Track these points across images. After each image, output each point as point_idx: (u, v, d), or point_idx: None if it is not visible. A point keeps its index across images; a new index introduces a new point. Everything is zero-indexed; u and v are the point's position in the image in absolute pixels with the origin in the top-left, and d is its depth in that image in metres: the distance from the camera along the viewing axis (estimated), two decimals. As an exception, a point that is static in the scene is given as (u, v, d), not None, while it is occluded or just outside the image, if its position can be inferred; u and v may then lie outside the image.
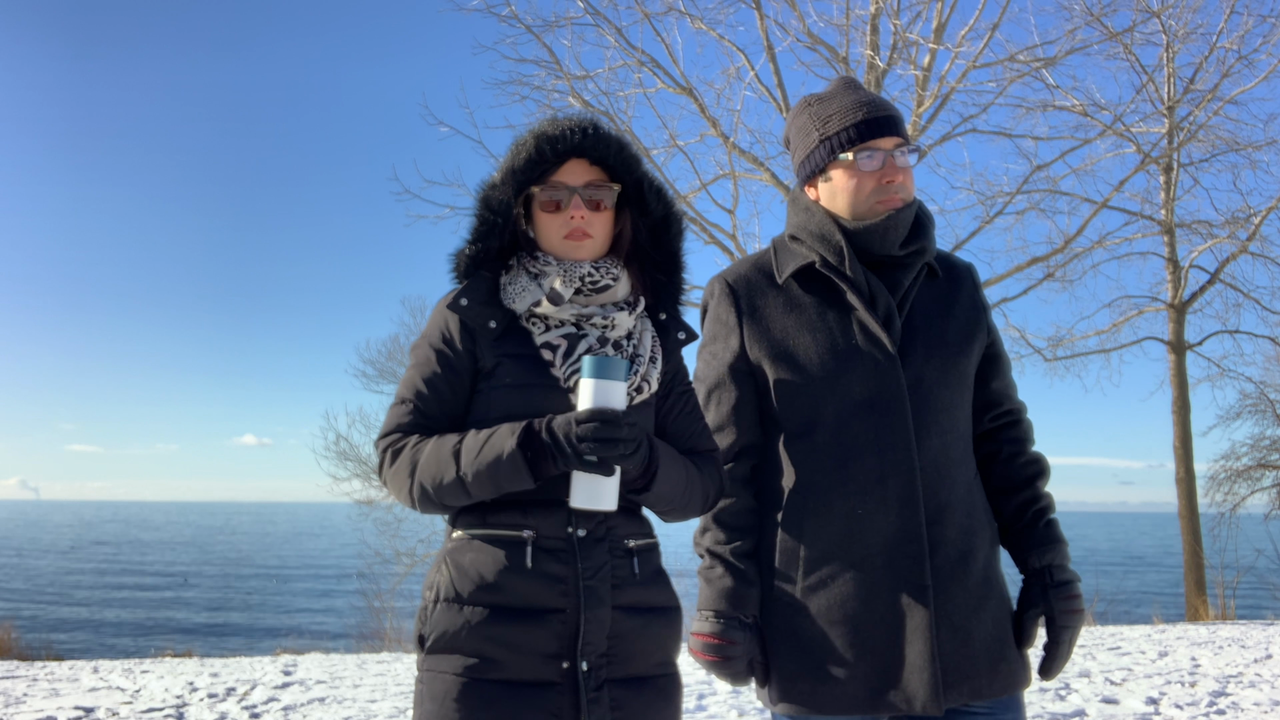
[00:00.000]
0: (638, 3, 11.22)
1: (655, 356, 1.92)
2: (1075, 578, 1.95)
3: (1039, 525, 1.96)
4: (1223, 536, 14.68)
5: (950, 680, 1.83)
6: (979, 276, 2.09)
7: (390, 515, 16.31)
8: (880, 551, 1.85)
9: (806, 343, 1.94)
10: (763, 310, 1.99)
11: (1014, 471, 2.00)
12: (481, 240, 1.90)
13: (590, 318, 1.86)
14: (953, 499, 1.89)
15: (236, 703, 6.14)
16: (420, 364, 1.89)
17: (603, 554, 1.79)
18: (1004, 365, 2.05)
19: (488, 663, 1.73)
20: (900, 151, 1.93)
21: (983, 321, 2.01)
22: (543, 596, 1.75)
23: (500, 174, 1.89)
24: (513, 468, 1.70)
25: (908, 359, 1.90)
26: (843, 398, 1.90)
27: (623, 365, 1.73)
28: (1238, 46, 12.89)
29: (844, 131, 1.93)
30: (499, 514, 1.79)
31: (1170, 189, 14.15)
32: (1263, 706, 5.65)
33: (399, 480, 1.81)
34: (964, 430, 1.96)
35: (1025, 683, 1.91)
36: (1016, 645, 1.92)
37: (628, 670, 1.79)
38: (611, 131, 1.93)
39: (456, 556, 1.80)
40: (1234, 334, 15.05)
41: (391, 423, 1.87)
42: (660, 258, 1.99)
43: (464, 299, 1.87)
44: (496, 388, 1.83)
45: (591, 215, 1.88)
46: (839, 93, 1.99)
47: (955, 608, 1.85)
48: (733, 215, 11.97)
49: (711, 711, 5.50)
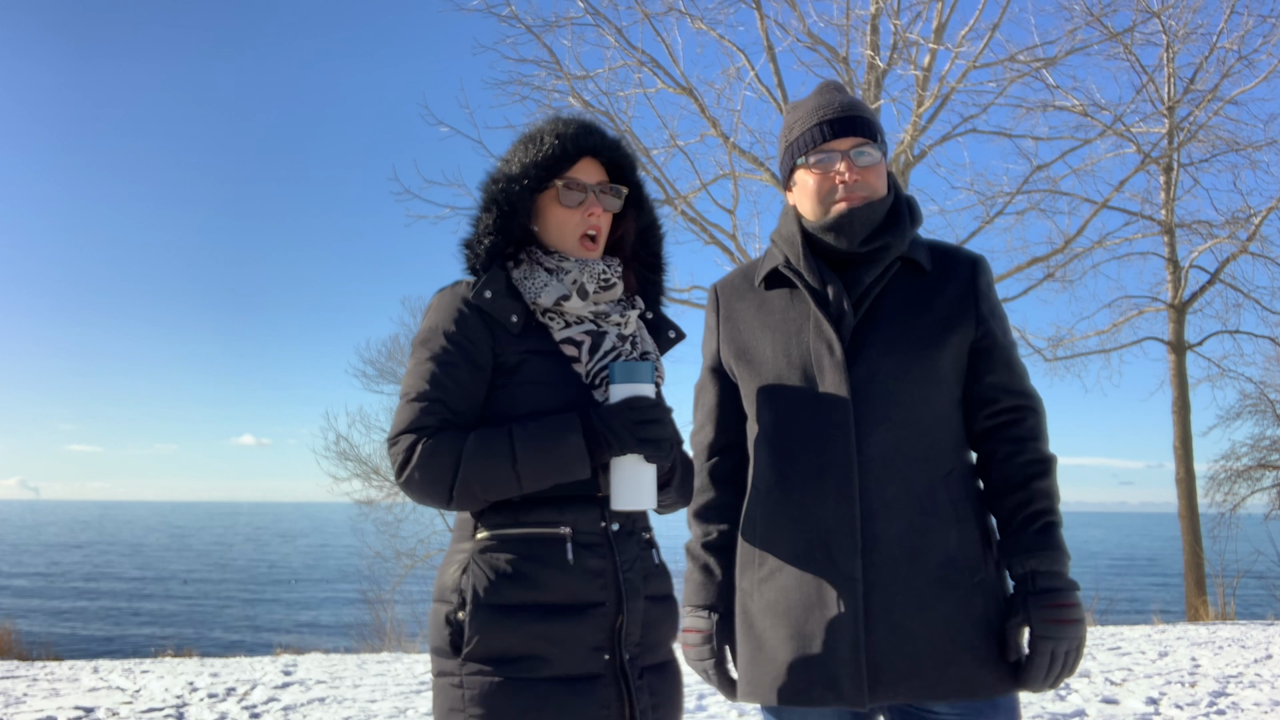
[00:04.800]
0: (638, 3, 11.23)
1: (657, 355, 1.98)
2: (1065, 585, 1.84)
3: (1029, 529, 1.88)
4: (1223, 537, 14.69)
5: (882, 677, 1.81)
6: (987, 270, 2.02)
7: (390, 515, 16.31)
8: (820, 545, 1.87)
9: (765, 342, 2.00)
10: (737, 313, 2.07)
11: (1009, 472, 1.92)
12: (500, 233, 1.88)
13: (606, 315, 1.89)
14: (901, 495, 1.85)
15: (236, 703, 6.14)
16: (436, 357, 1.81)
17: (635, 546, 1.86)
18: (1002, 359, 1.96)
19: (536, 660, 1.73)
20: (859, 150, 1.94)
21: (968, 314, 1.94)
22: (585, 591, 1.77)
23: (519, 167, 1.88)
24: (576, 456, 1.73)
25: (862, 354, 1.89)
26: (789, 394, 1.94)
27: (648, 368, 1.78)
28: (1238, 46, 12.90)
29: (801, 137, 1.99)
30: (532, 512, 1.79)
31: (1170, 189, 14.15)
32: (1263, 706, 5.65)
33: (434, 475, 1.74)
34: (929, 425, 1.89)
35: (990, 690, 1.83)
36: (1001, 653, 1.85)
37: (655, 657, 1.87)
38: (611, 134, 1.98)
39: (489, 557, 1.77)
40: (1234, 334, 15.07)
41: (409, 420, 1.78)
42: (647, 258, 2.03)
43: (488, 291, 1.84)
44: (522, 384, 1.81)
45: (603, 215, 1.92)
46: (808, 99, 2.04)
47: (895, 605, 1.82)
48: (733, 215, 12.00)
49: (711, 712, 5.50)
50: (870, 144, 1.96)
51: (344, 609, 21.36)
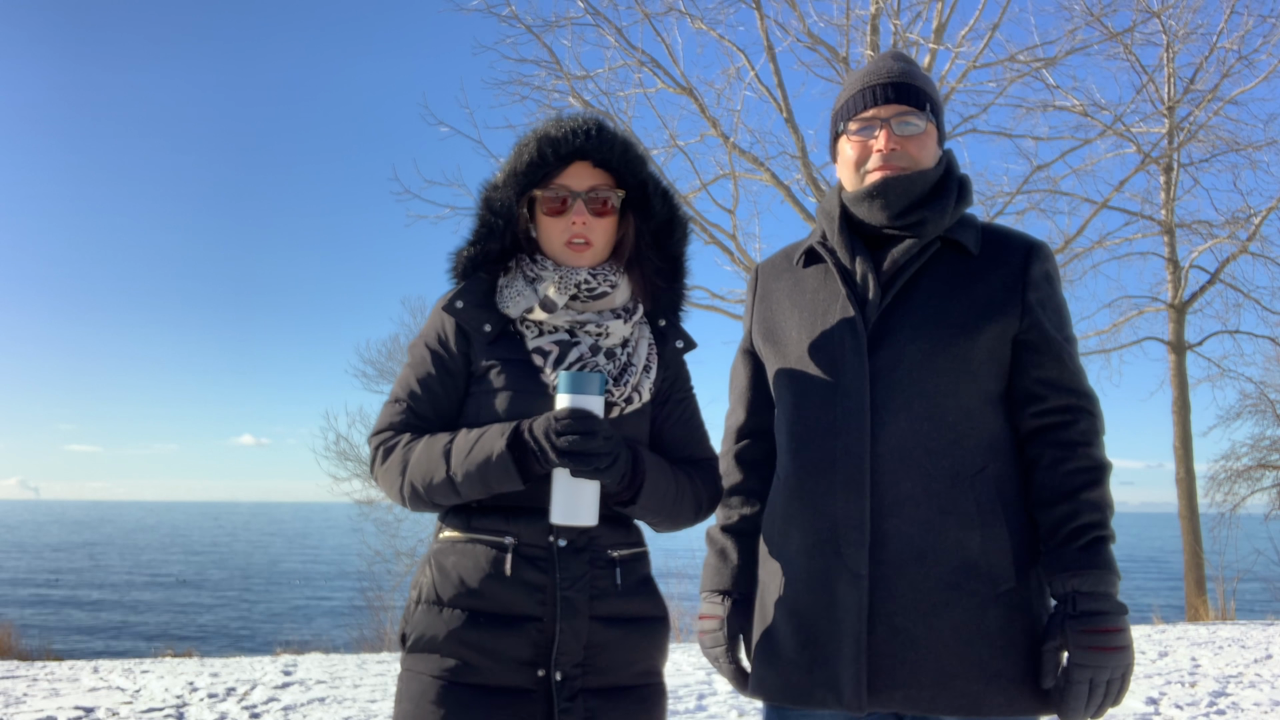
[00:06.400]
0: (638, 3, 11.23)
1: (650, 365, 1.90)
2: (1111, 609, 1.67)
3: (1074, 544, 1.71)
4: (1223, 537, 14.70)
5: (879, 683, 1.70)
6: (1046, 258, 1.85)
7: (390, 515, 16.32)
8: (830, 538, 1.77)
9: (792, 323, 1.91)
10: (772, 293, 1.99)
11: (1055, 481, 1.74)
12: (482, 242, 1.89)
13: (584, 324, 1.84)
14: (918, 491, 1.73)
15: (236, 703, 6.13)
16: (415, 364, 1.89)
17: (582, 565, 1.78)
18: (1052, 354, 1.79)
19: (465, 667, 1.73)
20: (902, 119, 1.85)
21: (1013, 303, 1.78)
22: (520, 604, 1.75)
23: (503, 175, 1.87)
24: (502, 468, 1.70)
25: (889, 338, 1.78)
26: (810, 377, 1.84)
27: (598, 379, 1.71)
28: (1238, 46, 12.91)
29: (846, 104, 1.91)
30: (483, 519, 1.80)
31: (1170, 189, 14.15)
32: (1263, 706, 5.65)
33: (390, 478, 1.81)
34: (955, 419, 1.75)
35: (1000, 710, 1.69)
36: (1025, 674, 1.70)
37: (605, 680, 1.79)
38: (617, 133, 1.89)
39: (440, 558, 1.81)
40: (1234, 334, 15.08)
41: (384, 421, 1.87)
42: (662, 262, 1.96)
43: (459, 301, 1.86)
44: (488, 391, 1.83)
45: (594, 221, 1.86)
46: (861, 68, 1.96)
47: (899, 607, 1.71)
48: (733, 215, 12.00)
49: (711, 711, 5.50)
50: (916, 113, 1.85)
51: (344, 609, 21.35)
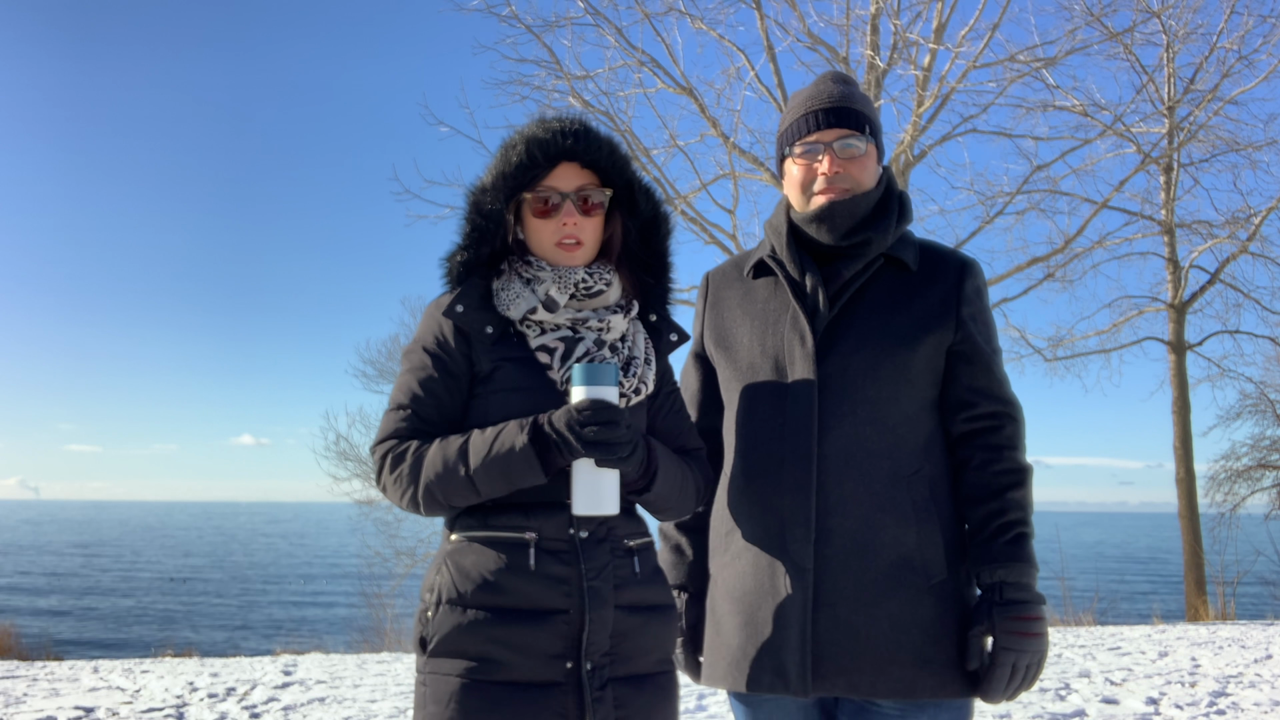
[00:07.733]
0: (638, 3, 11.24)
1: (650, 358, 1.93)
2: (1031, 598, 1.83)
3: (1000, 539, 1.85)
4: (1223, 537, 14.69)
5: (824, 669, 1.83)
6: (976, 275, 1.99)
7: (390, 515, 16.32)
8: (776, 534, 1.89)
9: (743, 331, 2.02)
10: (723, 301, 2.10)
11: (984, 480, 1.89)
12: (474, 246, 1.89)
13: (585, 321, 1.86)
14: (860, 490, 1.86)
15: (236, 703, 6.14)
16: (415, 368, 1.88)
17: (605, 554, 1.81)
18: (981, 364, 1.93)
19: (491, 664, 1.73)
20: (844, 142, 1.94)
21: (948, 317, 1.92)
22: (546, 598, 1.76)
23: (491, 178, 1.87)
24: (525, 462, 1.71)
25: (836, 348, 1.90)
26: (760, 383, 1.96)
27: (612, 370, 1.74)
28: (1238, 46, 12.91)
29: (790, 128, 2.00)
30: (500, 516, 1.80)
31: (1170, 189, 14.15)
32: (1263, 707, 5.65)
33: (400, 484, 1.80)
34: (895, 424, 1.88)
35: (932, 693, 1.82)
36: (954, 659, 1.84)
37: (629, 668, 1.82)
38: (601, 133, 1.92)
39: (457, 558, 1.80)
40: (1234, 334, 15.07)
41: (387, 428, 1.86)
42: (648, 258, 1.99)
43: (459, 305, 1.86)
44: (495, 391, 1.83)
45: (583, 221, 1.88)
46: (803, 91, 2.04)
47: (841, 598, 1.84)
48: (733, 215, 12.01)
49: (711, 711, 5.50)
50: (857, 136, 1.94)
51: (344, 609, 21.35)
